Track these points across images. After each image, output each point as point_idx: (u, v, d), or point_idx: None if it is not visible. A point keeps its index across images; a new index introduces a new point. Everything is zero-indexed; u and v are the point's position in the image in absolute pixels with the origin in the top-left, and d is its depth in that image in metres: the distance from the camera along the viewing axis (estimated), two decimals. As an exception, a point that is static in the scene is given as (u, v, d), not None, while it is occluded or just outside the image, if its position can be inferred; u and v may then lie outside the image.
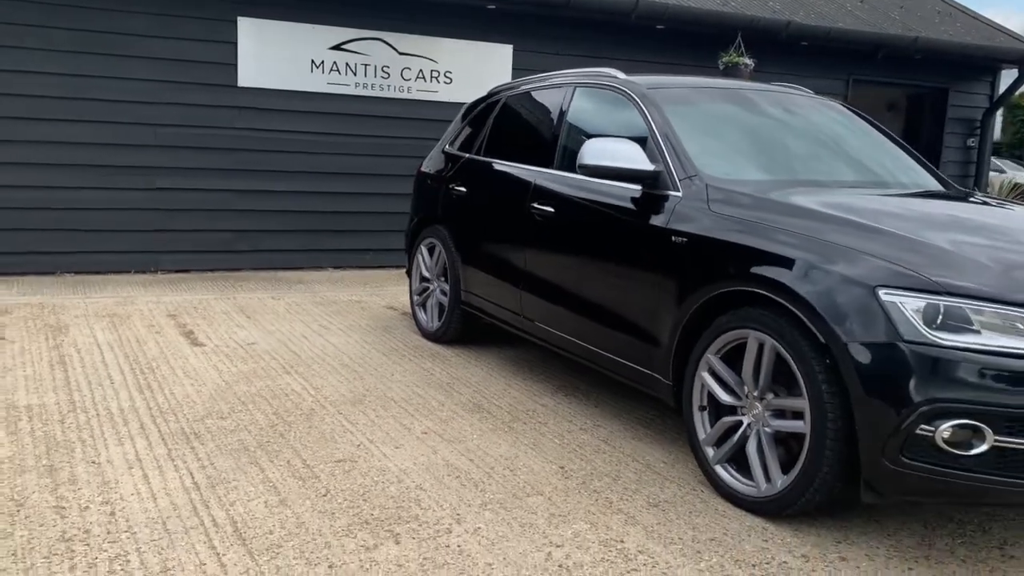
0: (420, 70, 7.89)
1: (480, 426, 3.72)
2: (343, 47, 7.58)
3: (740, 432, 2.98)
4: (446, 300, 5.08)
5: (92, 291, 6.25)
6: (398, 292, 6.60)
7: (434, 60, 7.92)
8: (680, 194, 3.39)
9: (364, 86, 7.69)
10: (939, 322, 2.50)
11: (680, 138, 3.57)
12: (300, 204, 7.54)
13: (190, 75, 7.03)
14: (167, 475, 3.06)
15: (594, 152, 3.58)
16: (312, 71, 7.49)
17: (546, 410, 3.98)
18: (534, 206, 4.19)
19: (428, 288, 5.34)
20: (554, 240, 4.10)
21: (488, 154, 4.92)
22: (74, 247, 6.83)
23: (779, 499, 2.81)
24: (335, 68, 7.57)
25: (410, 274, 5.57)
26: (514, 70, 8.05)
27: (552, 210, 4.08)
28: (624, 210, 3.62)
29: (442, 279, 5.16)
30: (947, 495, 2.58)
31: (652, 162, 3.52)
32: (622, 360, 3.61)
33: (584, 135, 4.12)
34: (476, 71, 7.95)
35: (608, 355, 3.70)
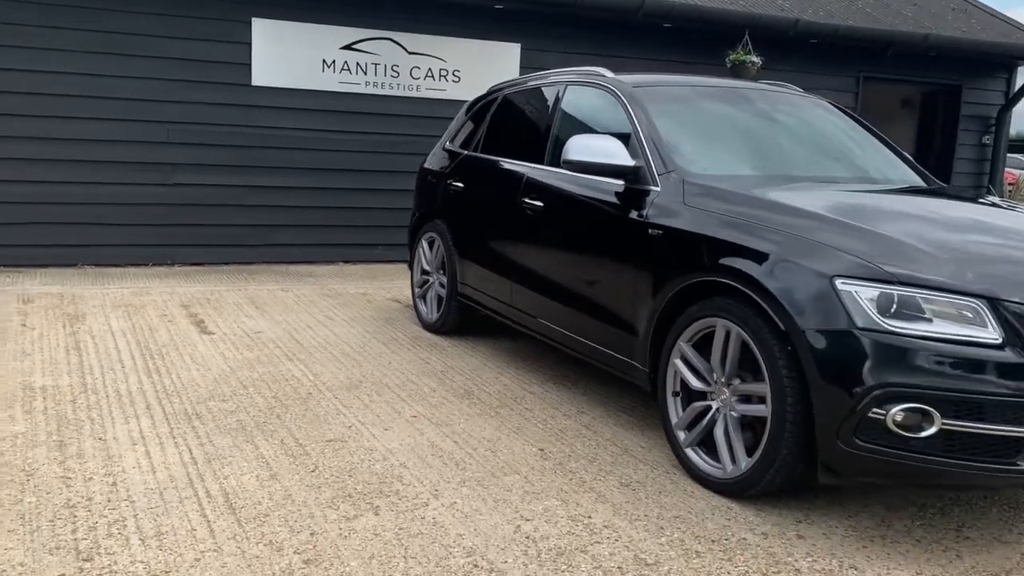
0: (429, 69, 8.06)
1: (468, 411, 3.88)
2: (354, 47, 7.77)
3: (709, 416, 3.11)
4: (444, 292, 5.24)
5: (110, 283, 6.49)
6: (403, 286, 6.77)
7: (443, 59, 8.09)
8: (659, 189, 3.52)
9: (374, 85, 7.88)
10: (893, 310, 2.62)
11: (661, 135, 3.70)
12: (311, 200, 7.75)
13: (205, 74, 7.25)
14: (167, 451, 3.25)
15: (578, 148, 3.72)
16: (324, 70, 7.69)
17: (534, 397, 4.13)
18: (525, 200, 4.33)
19: (428, 281, 5.51)
20: (543, 233, 4.24)
21: (484, 151, 5.07)
22: (94, 241, 7.08)
23: (743, 480, 2.94)
24: (346, 67, 7.76)
25: (412, 267, 5.74)
26: (522, 68, 8.18)
27: (541, 204, 4.22)
28: (607, 204, 3.76)
29: (441, 272, 5.32)
30: (901, 477, 2.70)
31: (634, 158, 3.66)
32: (604, 349, 3.75)
33: (573, 131, 4.25)
34: (484, 70, 8.10)
35: (592, 344, 3.84)
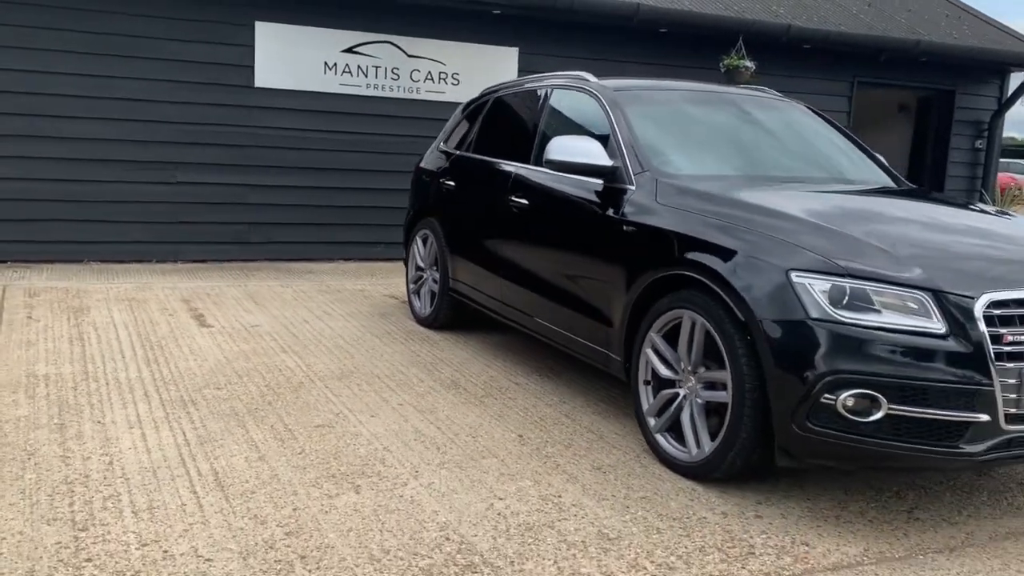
0: (428, 72, 8.23)
1: (453, 400, 4.04)
2: (355, 50, 7.96)
3: (677, 403, 3.27)
4: (437, 288, 5.41)
5: (115, 278, 6.68)
6: (401, 283, 6.91)
7: (442, 62, 8.27)
8: (634, 187, 3.68)
9: (375, 87, 8.06)
10: (845, 302, 2.77)
11: (638, 136, 3.86)
12: (312, 199, 7.93)
13: (209, 76, 7.45)
14: (162, 434, 3.42)
15: (559, 148, 3.89)
16: (325, 72, 7.88)
17: (518, 388, 4.29)
18: (512, 199, 4.50)
19: (422, 277, 5.67)
20: (528, 230, 4.41)
21: (476, 151, 5.24)
22: (100, 238, 7.28)
23: (706, 463, 3.09)
24: (347, 70, 7.94)
25: (407, 264, 5.92)
26: (520, 71, 8.35)
27: (527, 203, 4.39)
28: (588, 202, 3.92)
29: (434, 268, 5.49)
30: (852, 459, 2.85)
31: (611, 158, 3.82)
32: (584, 340, 3.91)
33: (558, 133, 4.40)
34: (483, 73, 8.26)
35: (573, 336, 4.00)
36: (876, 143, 11.21)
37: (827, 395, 2.73)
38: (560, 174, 4.10)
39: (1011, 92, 10.78)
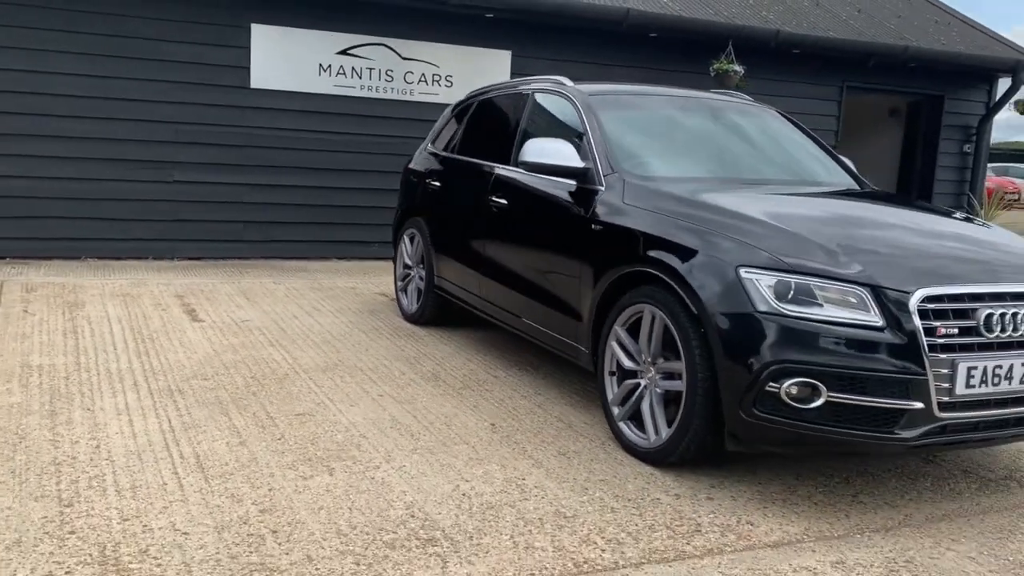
0: (422, 74, 8.41)
1: (432, 391, 4.21)
2: (349, 52, 8.14)
3: (638, 392, 3.43)
4: (423, 285, 5.57)
5: (111, 274, 6.86)
6: (391, 281, 7.10)
7: (435, 65, 8.44)
8: (603, 188, 3.85)
9: (369, 88, 8.24)
10: (790, 296, 2.93)
11: (609, 139, 4.03)
12: (307, 198, 8.11)
13: (206, 77, 7.63)
14: (148, 420, 3.59)
15: (534, 151, 4.06)
16: (320, 74, 8.06)
17: (496, 380, 4.45)
18: (492, 199, 4.66)
19: (409, 275, 5.84)
20: (507, 229, 4.57)
21: (460, 152, 5.41)
22: (97, 235, 7.47)
23: (663, 449, 3.26)
24: (342, 71, 8.12)
25: (395, 262, 6.09)
26: (512, 74, 8.52)
27: (506, 202, 4.55)
28: (561, 202, 4.08)
29: (421, 266, 5.66)
30: (796, 444, 3.01)
31: (583, 160, 3.98)
32: (556, 335, 4.07)
33: (537, 135, 4.58)
34: (475, 75, 8.43)
35: (547, 331, 4.16)
36: (866, 148, 11.37)
37: (772, 383, 2.88)
38: (541, 176, 4.26)
39: (999, 97, 10.92)
